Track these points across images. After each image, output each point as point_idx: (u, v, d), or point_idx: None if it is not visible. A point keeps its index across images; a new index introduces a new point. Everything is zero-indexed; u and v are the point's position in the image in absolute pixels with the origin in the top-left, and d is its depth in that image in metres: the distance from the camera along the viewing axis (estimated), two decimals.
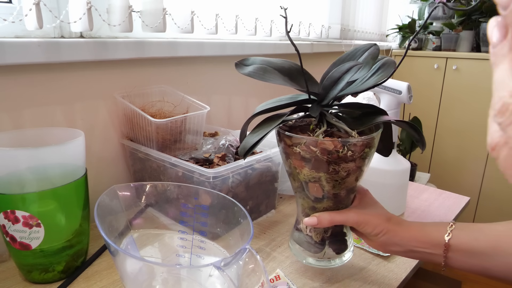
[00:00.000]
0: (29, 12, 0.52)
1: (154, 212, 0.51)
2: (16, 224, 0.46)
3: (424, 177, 1.74)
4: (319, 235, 0.49)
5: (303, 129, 0.47)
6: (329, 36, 1.32)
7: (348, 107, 0.49)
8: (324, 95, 0.45)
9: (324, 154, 0.42)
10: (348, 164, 0.43)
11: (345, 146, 0.41)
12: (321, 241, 0.50)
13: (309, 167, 0.44)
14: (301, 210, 0.50)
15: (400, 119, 0.49)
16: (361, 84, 0.44)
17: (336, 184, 0.44)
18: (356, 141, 0.42)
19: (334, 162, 0.42)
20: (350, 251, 0.52)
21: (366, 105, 0.47)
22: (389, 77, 0.43)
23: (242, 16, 0.89)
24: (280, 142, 0.47)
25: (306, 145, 0.42)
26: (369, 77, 0.44)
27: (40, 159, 0.46)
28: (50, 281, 0.50)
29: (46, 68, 0.61)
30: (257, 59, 0.48)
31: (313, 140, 0.42)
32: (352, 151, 0.42)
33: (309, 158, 0.43)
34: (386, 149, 0.50)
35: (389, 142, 0.50)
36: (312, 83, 0.47)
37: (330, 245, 0.50)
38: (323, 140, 0.42)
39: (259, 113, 0.47)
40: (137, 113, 0.66)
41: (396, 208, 0.72)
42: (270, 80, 0.45)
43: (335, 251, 0.50)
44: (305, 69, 0.46)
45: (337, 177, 0.44)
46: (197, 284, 0.39)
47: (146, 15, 0.68)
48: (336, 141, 0.42)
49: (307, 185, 0.46)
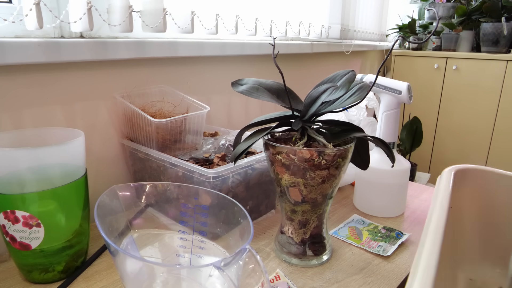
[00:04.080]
0: (29, 12, 0.52)
1: (154, 212, 0.51)
2: (16, 224, 0.46)
3: (424, 177, 1.74)
4: (299, 237, 0.55)
5: (287, 141, 0.54)
6: (329, 36, 1.32)
7: (329, 124, 0.56)
8: (305, 111, 0.53)
9: (302, 161, 0.49)
10: (322, 171, 0.49)
11: (320, 155, 0.48)
12: (301, 242, 0.55)
13: (289, 173, 0.51)
14: (284, 213, 0.56)
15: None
16: (341, 103, 0.53)
17: (313, 189, 0.51)
18: (330, 152, 0.49)
19: (310, 169, 0.49)
20: (328, 253, 0.57)
21: (344, 123, 0.54)
22: (364, 98, 0.50)
23: (242, 16, 0.89)
24: (266, 150, 0.53)
25: (287, 154, 0.49)
26: (347, 98, 0.52)
27: (40, 159, 0.46)
28: (50, 281, 0.50)
29: (46, 68, 0.61)
30: (250, 80, 0.56)
31: (292, 149, 0.49)
32: (326, 160, 0.49)
33: (289, 165, 0.50)
34: (363, 163, 0.57)
35: (366, 156, 0.57)
36: (296, 101, 0.56)
37: (310, 247, 0.56)
38: (301, 149, 0.48)
39: (252, 125, 0.56)
40: (137, 113, 0.66)
41: (396, 208, 0.72)
42: (260, 97, 0.53)
43: (313, 253, 0.56)
44: (289, 89, 0.55)
45: (313, 182, 0.50)
46: (197, 284, 0.39)
47: (146, 15, 0.68)
48: (312, 150, 0.48)
49: (288, 189, 0.52)
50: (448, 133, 1.81)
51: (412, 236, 0.65)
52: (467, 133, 1.75)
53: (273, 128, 0.54)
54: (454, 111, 1.77)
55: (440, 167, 1.86)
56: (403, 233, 0.64)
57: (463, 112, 1.74)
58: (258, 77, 1.06)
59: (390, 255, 0.58)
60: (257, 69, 1.05)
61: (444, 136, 1.82)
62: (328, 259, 0.57)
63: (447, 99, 1.79)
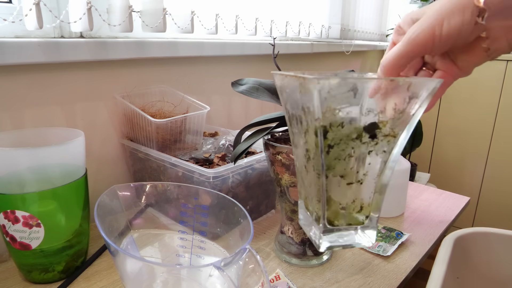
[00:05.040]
0: (29, 12, 0.52)
1: (154, 212, 0.51)
2: (16, 224, 0.46)
3: (424, 177, 1.74)
4: (299, 237, 0.55)
5: (287, 141, 0.54)
6: (329, 36, 1.32)
7: None
8: None
9: None
10: None
11: None
12: (301, 242, 0.55)
13: (289, 173, 0.51)
14: (284, 213, 0.56)
15: None
16: None
17: None
18: None
19: None
20: (328, 253, 0.57)
21: None
22: None
23: (242, 16, 0.89)
24: (266, 150, 0.54)
25: (287, 154, 0.49)
26: None
27: (40, 159, 0.46)
28: (50, 281, 0.50)
29: (46, 68, 0.61)
30: (250, 80, 0.56)
31: (291, 149, 0.48)
32: None
33: (289, 165, 0.50)
34: None
35: None
36: None
37: (310, 247, 0.56)
38: None
39: (252, 125, 0.55)
40: (137, 113, 0.66)
41: (396, 208, 0.72)
42: (260, 97, 0.53)
43: (313, 253, 0.56)
44: None
45: None
46: (197, 284, 0.39)
47: (146, 15, 0.68)
48: None
49: (288, 189, 0.52)
50: (448, 133, 1.80)
51: (412, 236, 0.65)
52: (467, 133, 1.75)
53: (273, 128, 0.54)
54: (454, 111, 1.77)
55: (440, 167, 1.86)
56: (403, 233, 0.64)
57: (463, 112, 1.74)
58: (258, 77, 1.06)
59: (390, 255, 0.58)
60: (257, 69, 1.05)
61: (444, 136, 1.82)
62: (328, 259, 0.57)
63: (447, 99, 1.79)
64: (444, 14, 0.30)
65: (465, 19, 0.29)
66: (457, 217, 0.74)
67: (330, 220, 0.35)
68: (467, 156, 1.77)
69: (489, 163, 1.71)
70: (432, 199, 0.81)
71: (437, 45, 0.31)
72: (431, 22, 0.30)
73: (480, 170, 1.74)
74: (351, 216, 0.35)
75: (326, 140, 0.31)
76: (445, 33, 0.30)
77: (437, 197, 0.82)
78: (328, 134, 0.31)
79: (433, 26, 0.30)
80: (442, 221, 0.71)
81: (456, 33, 0.30)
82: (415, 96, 0.30)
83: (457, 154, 1.80)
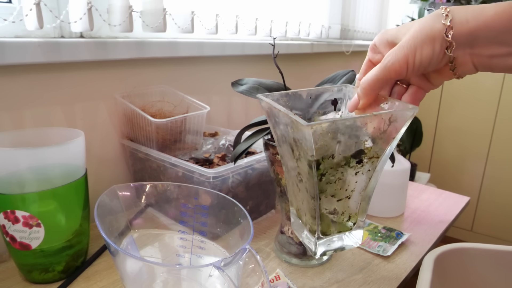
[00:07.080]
0: (29, 12, 0.52)
1: (154, 212, 0.51)
2: (16, 224, 0.46)
3: (424, 177, 1.74)
4: None
5: None
6: (329, 36, 1.32)
7: None
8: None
9: None
10: None
11: None
12: (301, 242, 0.55)
13: None
14: (284, 213, 0.56)
15: None
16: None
17: None
18: None
19: None
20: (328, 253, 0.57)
21: None
22: None
23: (242, 16, 0.89)
24: (266, 150, 0.54)
25: None
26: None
27: (40, 159, 0.46)
28: (50, 281, 0.50)
29: (46, 68, 0.61)
30: (250, 80, 0.56)
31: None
32: None
33: None
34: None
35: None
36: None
37: None
38: None
39: (252, 125, 0.55)
40: (137, 113, 0.66)
41: (396, 208, 0.72)
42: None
43: None
44: (289, 89, 0.53)
45: None
46: (197, 284, 0.39)
47: (146, 15, 0.68)
48: None
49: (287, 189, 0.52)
50: (448, 133, 1.81)
51: (412, 236, 0.65)
52: (467, 133, 1.75)
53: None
54: (454, 111, 1.77)
55: (440, 167, 1.86)
56: (403, 233, 0.64)
57: (463, 112, 1.74)
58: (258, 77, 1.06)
59: (390, 255, 0.58)
60: (257, 69, 1.05)
61: (444, 136, 1.82)
62: (328, 259, 0.57)
63: (447, 99, 1.79)
64: (417, 45, 0.34)
65: (435, 50, 0.33)
66: (457, 217, 0.74)
67: (323, 231, 0.40)
68: (467, 156, 1.77)
69: (489, 163, 1.71)
70: (432, 199, 0.81)
71: (410, 72, 0.35)
72: (405, 52, 0.34)
73: (480, 170, 1.74)
74: (341, 225, 0.41)
75: (319, 170, 0.35)
76: (418, 62, 0.34)
77: (437, 197, 0.82)
78: (321, 165, 0.35)
79: (406, 56, 0.34)
80: (442, 221, 0.71)
81: (427, 62, 0.34)
82: (394, 121, 0.35)
83: (457, 154, 1.80)
